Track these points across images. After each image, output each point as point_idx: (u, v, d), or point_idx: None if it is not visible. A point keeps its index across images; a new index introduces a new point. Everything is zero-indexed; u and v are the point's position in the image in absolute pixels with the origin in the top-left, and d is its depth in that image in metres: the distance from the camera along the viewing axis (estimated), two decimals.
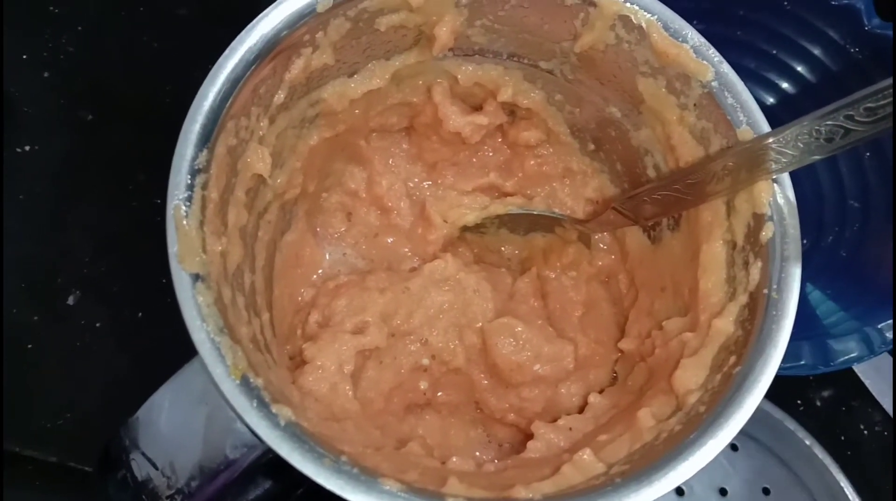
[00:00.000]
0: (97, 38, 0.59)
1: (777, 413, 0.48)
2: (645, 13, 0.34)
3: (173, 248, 0.28)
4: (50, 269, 0.52)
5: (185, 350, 0.29)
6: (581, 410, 0.39)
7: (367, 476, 0.26)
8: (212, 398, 0.28)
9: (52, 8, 0.59)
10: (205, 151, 0.29)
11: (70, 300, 0.51)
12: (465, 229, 0.44)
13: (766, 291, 0.31)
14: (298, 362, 0.37)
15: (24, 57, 0.57)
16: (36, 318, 0.51)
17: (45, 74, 0.57)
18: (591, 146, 0.43)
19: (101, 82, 0.57)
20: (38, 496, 0.47)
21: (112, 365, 0.50)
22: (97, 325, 0.51)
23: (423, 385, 0.40)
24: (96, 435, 0.37)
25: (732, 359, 0.30)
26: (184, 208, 0.28)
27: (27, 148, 0.55)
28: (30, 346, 0.50)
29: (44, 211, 0.54)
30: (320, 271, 0.42)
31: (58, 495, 0.48)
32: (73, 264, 0.52)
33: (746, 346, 0.30)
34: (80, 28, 0.59)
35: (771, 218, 0.32)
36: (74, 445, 0.48)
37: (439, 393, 0.41)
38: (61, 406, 0.49)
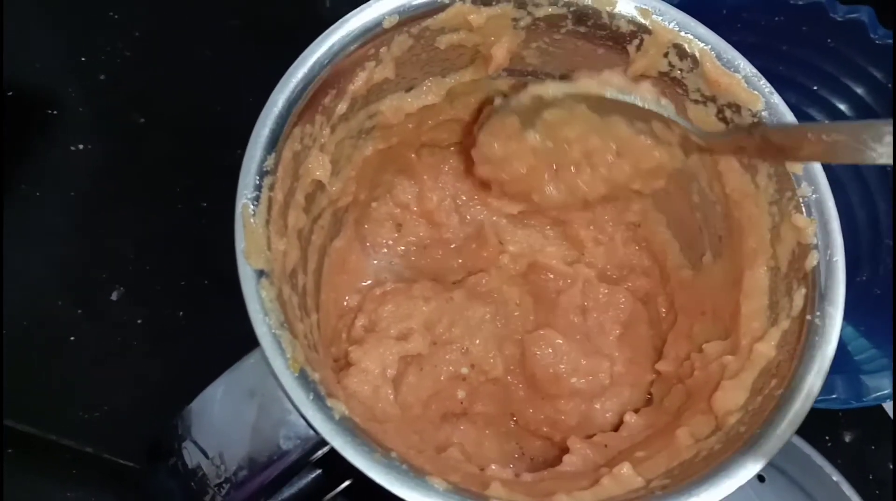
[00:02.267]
0: (152, 44, 0.60)
1: (805, 448, 0.48)
2: (699, 42, 0.35)
3: (241, 245, 0.29)
4: (95, 265, 0.53)
5: (223, 350, 0.30)
6: (615, 428, 0.40)
7: (415, 473, 0.26)
8: (266, 390, 0.29)
9: (111, 14, 0.61)
10: (273, 155, 0.30)
11: (113, 296, 0.53)
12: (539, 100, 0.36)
13: (809, 317, 0.31)
14: (343, 364, 0.37)
15: (83, 59, 0.59)
16: (79, 312, 0.52)
17: (101, 77, 0.59)
18: None
19: (154, 87, 0.59)
20: (74, 485, 0.48)
21: (150, 362, 0.51)
22: (138, 322, 0.52)
23: (460, 395, 0.40)
24: (132, 429, 0.38)
25: (774, 382, 0.31)
26: (252, 207, 0.29)
27: (80, 146, 0.57)
28: (72, 338, 0.51)
29: (92, 208, 0.55)
30: (365, 278, 0.43)
31: (93, 485, 0.49)
32: (118, 261, 0.53)
33: (788, 370, 0.30)
34: (136, 34, 0.61)
35: (816, 246, 0.32)
36: (109, 437, 0.49)
37: (475, 404, 0.41)
38: (99, 399, 0.50)
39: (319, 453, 0.30)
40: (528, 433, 0.41)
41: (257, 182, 0.30)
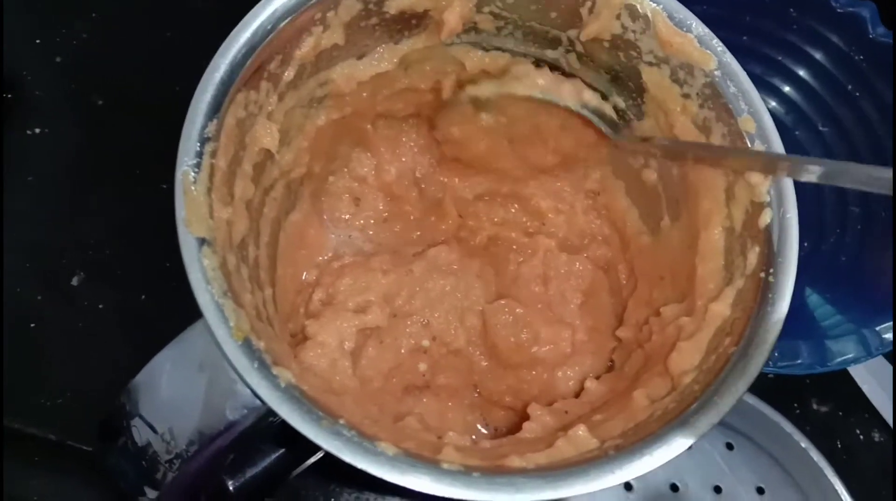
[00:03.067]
0: (110, 25, 0.60)
1: (774, 416, 0.48)
2: (650, 2, 0.35)
3: (181, 213, 0.28)
4: (55, 249, 0.53)
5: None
6: (577, 395, 0.40)
7: (363, 439, 0.26)
8: (213, 361, 0.28)
9: None
10: (214, 121, 0.30)
11: (74, 281, 0.52)
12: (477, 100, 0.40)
13: (762, 274, 0.31)
14: (300, 339, 0.37)
15: (38, 41, 0.58)
16: (40, 297, 0.51)
17: (58, 59, 0.58)
18: None
19: (113, 69, 0.58)
20: (38, 472, 0.48)
21: (113, 346, 0.50)
22: (100, 306, 0.51)
23: (422, 367, 0.40)
24: (95, 415, 0.38)
25: (728, 340, 0.31)
26: (192, 174, 0.29)
27: (37, 131, 0.56)
28: (33, 325, 0.50)
29: (51, 193, 0.54)
30: (324, 252, 0.42)
31: (57, 472, 0.48)
32: (79, 245, 0.53)
33: (742, 327, 0.30)
34: (94, 15, 0.60)
35: (769, 204, 0.32)
36: (73, 424, 0.48)
37: (438, 376, 0.41)
38: (62, 385, 0.49)
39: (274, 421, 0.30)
40: (492, 404, 0.41)
41: (198, 149, 0.29)
